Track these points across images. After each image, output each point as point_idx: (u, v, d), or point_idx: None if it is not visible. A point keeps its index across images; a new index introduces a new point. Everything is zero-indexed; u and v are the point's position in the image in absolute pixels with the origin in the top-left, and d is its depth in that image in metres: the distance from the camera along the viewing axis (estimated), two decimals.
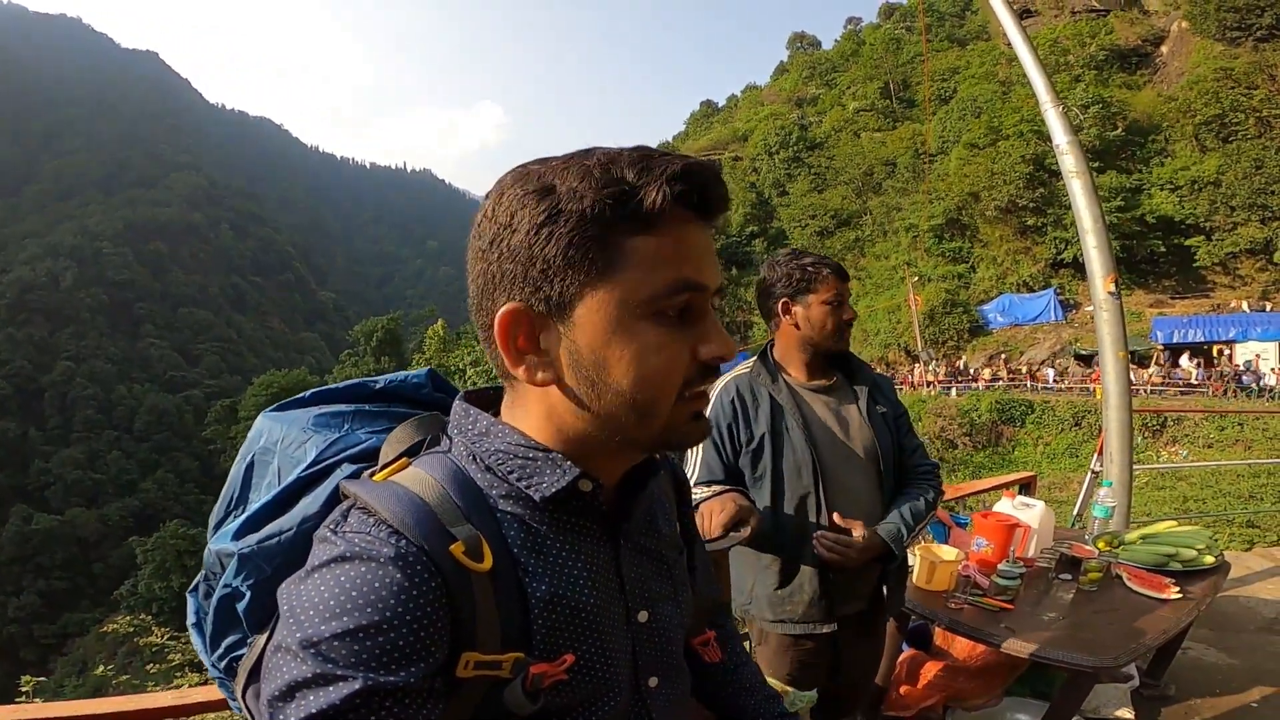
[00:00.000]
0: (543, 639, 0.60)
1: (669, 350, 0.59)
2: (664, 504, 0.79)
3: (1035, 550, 2.52)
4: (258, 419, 0.78)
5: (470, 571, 0.57)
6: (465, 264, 0.63)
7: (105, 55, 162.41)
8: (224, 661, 0.70)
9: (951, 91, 41.28)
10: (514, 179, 0.59)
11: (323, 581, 0.53)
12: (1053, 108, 4.00)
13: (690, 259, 0.59)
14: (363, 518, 0.57)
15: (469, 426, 0.66)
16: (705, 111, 72.27)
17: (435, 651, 0.54)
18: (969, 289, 31.89)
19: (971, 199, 31.77)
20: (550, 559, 0.63)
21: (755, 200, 45.24)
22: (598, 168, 0.56)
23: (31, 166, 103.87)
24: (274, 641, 0.54)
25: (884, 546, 1.66)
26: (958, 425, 23.70)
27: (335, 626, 0.51)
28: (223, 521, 0.72)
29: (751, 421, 1.72)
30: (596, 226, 0.56)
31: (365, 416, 0.76)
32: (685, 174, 0.56)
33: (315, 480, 0.69)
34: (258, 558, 0.65)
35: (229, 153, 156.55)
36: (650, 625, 0.71)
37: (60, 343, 66.42)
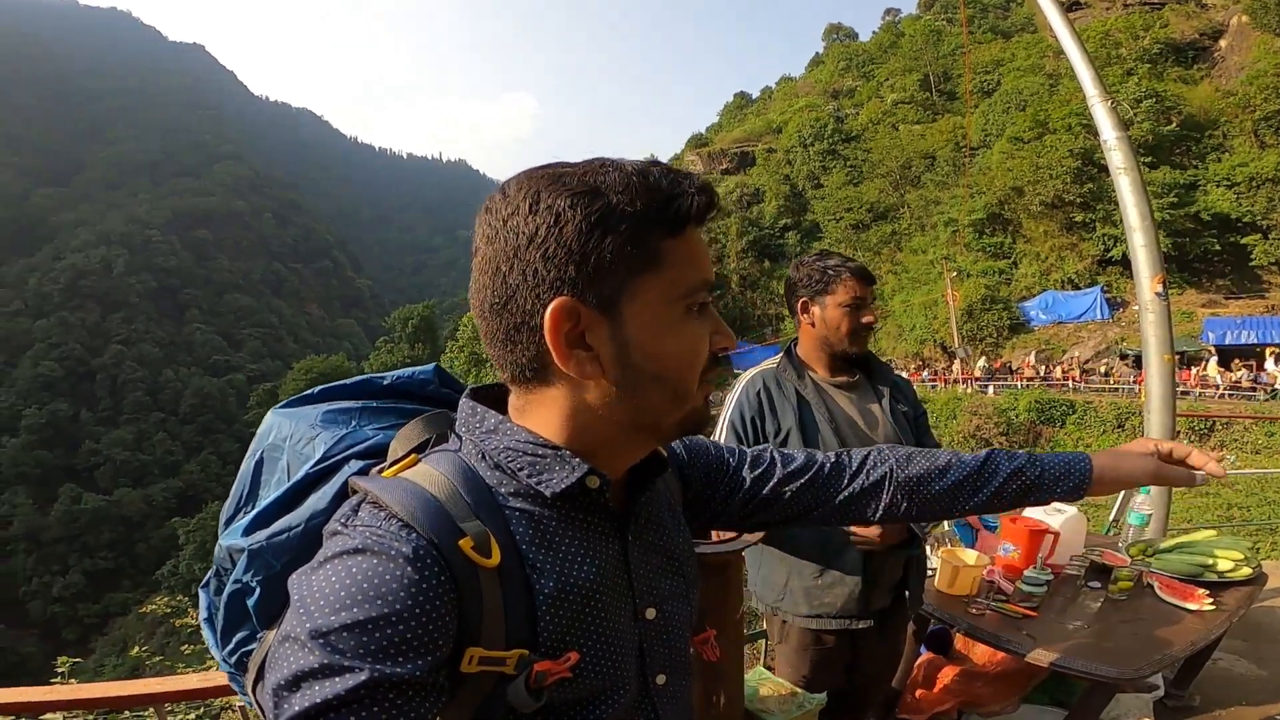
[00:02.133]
0: (548, 636, 0.61)
1: (701, 340, 0.64)
2: (668, 498, 0.80)
3: (1065, 557, 2.47)
4: (267, 415, 0.79)
5: (478, 567, 0.57)
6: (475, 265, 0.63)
7: (153, 48, 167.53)
8: (234, 656, 0.71)
9: (995, 84, 40.25)
10: (548, 180, 0.60)
11: (333, 573, 0.54)
12: (1100, 102, 3.88)
13: (707, 261, 0.65)
14: (374, 512, 0.58)
15: (477, 424, 0.66)
16: (739, 103, 71.61)
17: (441, 645, 0.55)
18: (1010, 285, 31.05)
19: (1015, 193, 30.90)
20: (558, 556, 0.63)
21: (789, 193, 44.64)
22: (636, 175, 0.60)
23: (81, 156, 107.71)
24: (282, 631, 0.54)
25: (904, 528, 1.67)
26: (994, 424, 23.15)
27: (344, 618, 0.51)
28: (233, 518, 0.73)
29: (779, 414, 1.74)
30: (645, 227, 0.59)
31: (373, 413, 0.77)
32: (705, 188, 0.63)
33: (324, 476, 0.70)
34: (267, 553, 0.66)
35: (271, 143, 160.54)
36: (658, 623, 0.71)
37: (111, 327, 69.00)
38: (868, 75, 52.87)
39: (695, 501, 0.88)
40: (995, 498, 0.90)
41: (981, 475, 0.90)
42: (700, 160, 52.78)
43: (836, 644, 1.77)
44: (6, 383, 60.53)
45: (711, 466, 0.90)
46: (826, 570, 1.73)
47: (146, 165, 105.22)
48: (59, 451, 56.10)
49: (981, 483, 0.90)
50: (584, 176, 0.60)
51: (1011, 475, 0.89)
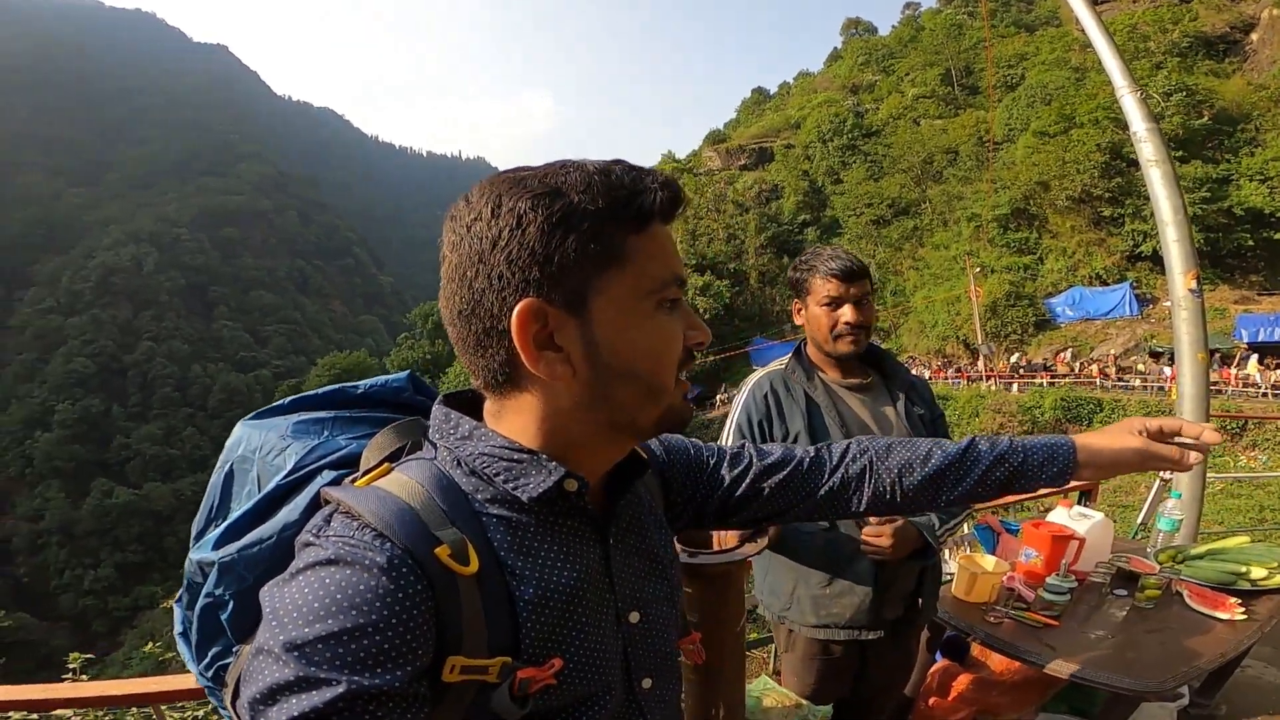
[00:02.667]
0: (531, 643, 0.60)
1: (673, 335, 0.64)
2: (649, 501, 0.79)
3: (1089, 563, 2.40)
4: (236, 427, 0.78)
5: (456, 575, 0.57)
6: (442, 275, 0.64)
7: (177, 49, 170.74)
8: (211, 670, 0.70)
9: (1019, 78, 39.67)
10: (508, 184, 0.60)
11: (306, 585, 0.53)
12: (1129, 93, 3.78)
13: (674, 256, 0.64)
14: (346, 522, 0.57)
15: (451, 430, 0.66)
16: (757, 99, 71.34)
17: (420, 655, 0.54)
18: (1035, 281, 30.51)
19: (1040, 188, 30.35)
20: (538, 561, 0.62)
21: (808, 188, 44.38)
22: (598, 174, 0.60)
23: (111, 156, 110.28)
24: (256, 644, 0.53)
25: (918, 538, 1.60)
26: (1018, 423, 22.78)
27: (319, 629, 0.50)
28: (203, 531, 0.72)
29: (786, 417, 1.68)
30: (608, 225, 0.59)
31: (345, 423, 0.76)
32: (668, 183, 0.63)
33: (296, 487, 0.69)
34: (239, 566, 0.65)
35: (294, 142, 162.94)
36: (642, 626, 0.70)
37: (142, 324, 70.58)
38: (887, 70, 52.47)
39: (676, 502, 0.87)
40: (980, 485, 0.88)
41: (964, 463, 0.88)
42: (718, 156, 52.59)
43: (845, 654, 1.71)
44: (40, 378, 62.22)
45: (690, 465, 0.89)
46: (835, 579, 1.66)
47: (174, 164, 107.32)
48: (91, 446, 57.52)
49: (964, 471, 0.88)
50: (545, 178, 0.60)
51: (995, 462, 0.87)
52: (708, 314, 36.71)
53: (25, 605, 42.35)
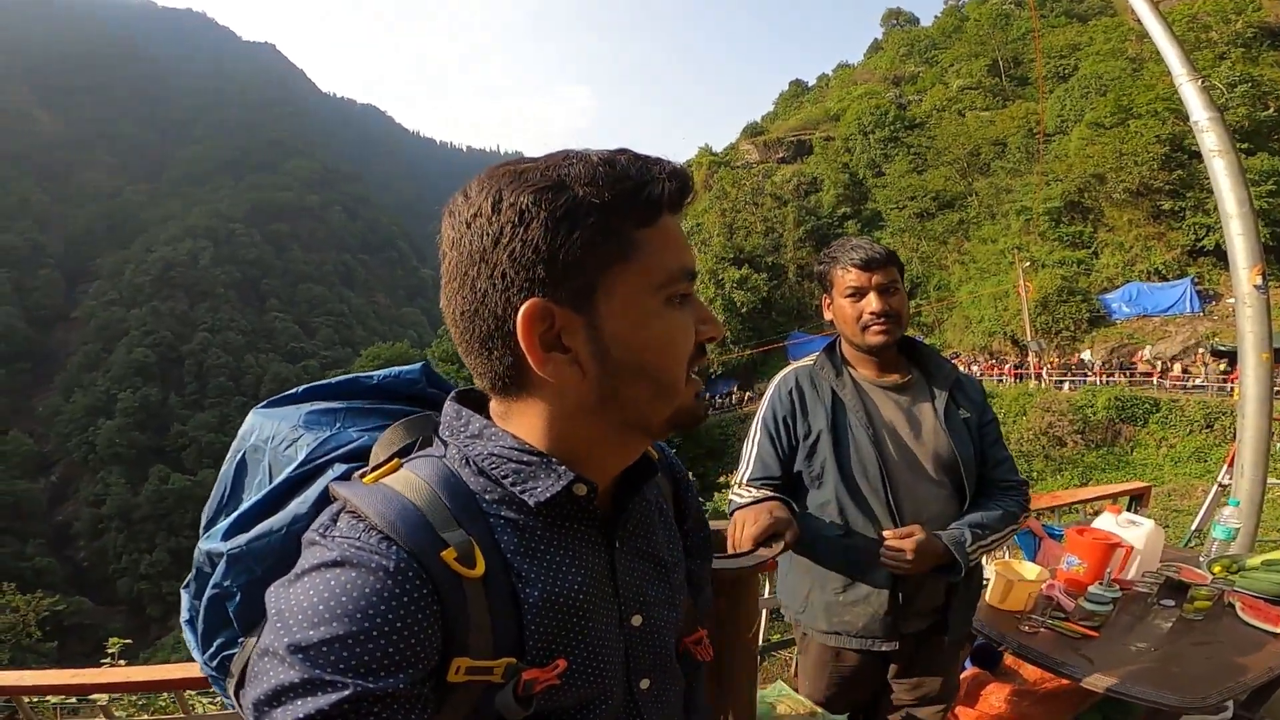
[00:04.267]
0: (535, 644, 0.60)
1: (684, 330, 0.62)
2: (662, 505, 0.79)
3: (1136, 573, 2.31)
4: (249, 415, 0.77)
5: (462, 577, 0.56)
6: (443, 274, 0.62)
7: (227, 48, 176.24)
8: (216, 660, 0.70)
9: (1071, 69, 38.14)
10: (509, 177, 0.58)
11: (311, 586, 0.53)
12: (1189, 81, 3.61)
13: (685, 248, 0.62)
14: (352, 522, 0.57)
15: (461, 428, 0.64)
16: (794, 91, 70.22)
17: (425, 658, 0.54)
18: (1090, 276, 29.35)
19: (1096, 181, 29.13)
20: (544, 564, 0.62)
21: (848, 181, 43.47)
22: (602, 165, 0.57)
23: (168, 153, 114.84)
24: (261, 645, 0.53)
25: (945, 553, 1.46)
26: (1068, 421, 22.00)
27: (324, 632, 0.50)
28: (214, 520, 0.72)
29: (810, 415, 1.61)
30: (615, 218, 0.57)
31: (357, 414, 0.75)
32: (677, 173, 0.61)
33: (306, 480, 0.68)
34: (248, 558, 0.64)
35: (339, 138, 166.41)
36: (643, 629, 0.70)
37: (198, 315, 73.48)
38: (930, 61, 51.18)
39: (682, 510, 0.86)
40: None
41: None
42: (756, 149, 51.99)
43: (860, 664, 1.63)
44: (103, 368, 65.31)
45: (688, 504, 0.87)
46: (851, 586, 1.58)
47: (227, 162, 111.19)
48: (150, 433, 60.08)
49: None
50: (546, 170, 0.57)
51: None
52: (744, 307, 36.49)
53: (84, 589, 44.26)
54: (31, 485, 54.50)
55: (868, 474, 1.54)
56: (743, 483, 1.60)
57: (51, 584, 39.39)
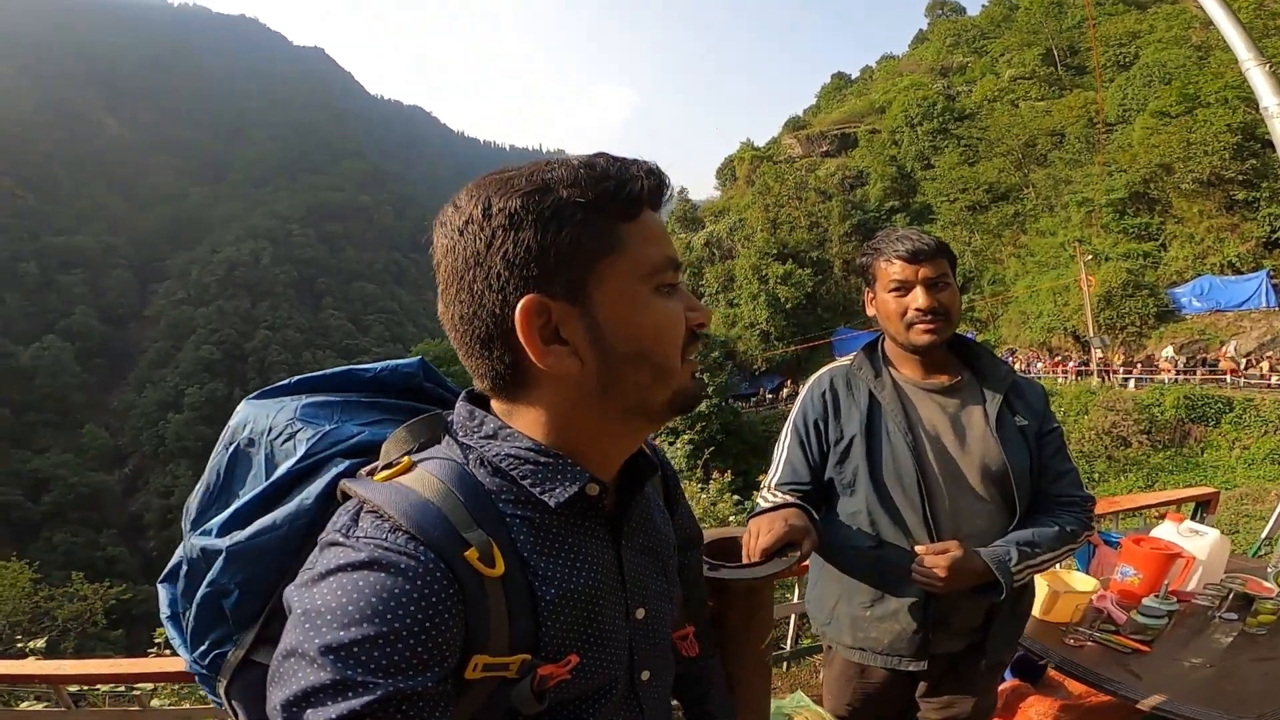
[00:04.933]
0: (550, 640, 0.61)
1: (676, 316, 0.64)
2: (658, 501, 0.81)
3: (1197, 585, 2.22)
4: (240, 406, 0.77)
5: (483, 577, 0.57)
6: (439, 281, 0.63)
7: (279, 52, 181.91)
8: (207, 659, 0.69)
9: (1132, 57, 36.78)
10: (496, 185, 0.60)
11: (339, 587, 0.53)
12: (1256, 66, 3.43)
13: (666, 241, 0.65)
14: (376, 522, 0.57)
15: (475, 428, 0.65)
16: (837, 84, 68.83)
17: (450, 656, 0.55)
18: (1157, 269, 28.00)
19: (1162, 171, 27.82)
20: (560, 561, 0.63)
21: (895, 174, 42.45)
22: (583, 168, 0.61)
23: (229, 156, 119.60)
24: (286, 646, 0.53)
25: (985, 572, 1.32)
26: (1133, 421, 21.05)
27: (354, 633, 0.50)
28: (204, 514, 0.71)
29: (843, 418, 1.51)
30: (599, 214, 0.60)
31: (355, 408, 0.76)
32: (654, 171, 0.64)
33: (307, 475, 0.68)
34: (247, 554, 0.64)
35: (387, 139, 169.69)
36: (646, 622, 0.72)
37: (260, 314, 76.55)
38: (979, 51, 49.91)
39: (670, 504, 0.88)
40: None
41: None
42: (799, 144, 51.29)
43: (886, 681, 1.53)
44: (173, 364, 68.74)
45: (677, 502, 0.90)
46: (879, 601, 1.48)
47: (284, 164, 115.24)
48: (216, 427, 60.23)
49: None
50: (531, 176, 0.60)
51: None
52: (789, 303, 36.08)
53: (152, 578, 46.89)
54: (106, 477, 57.37)
55: (903, 483, 1.44)
56: (770, 486, 1.55)
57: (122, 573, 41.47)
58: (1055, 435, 1.52)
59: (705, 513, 7.30)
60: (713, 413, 26.86)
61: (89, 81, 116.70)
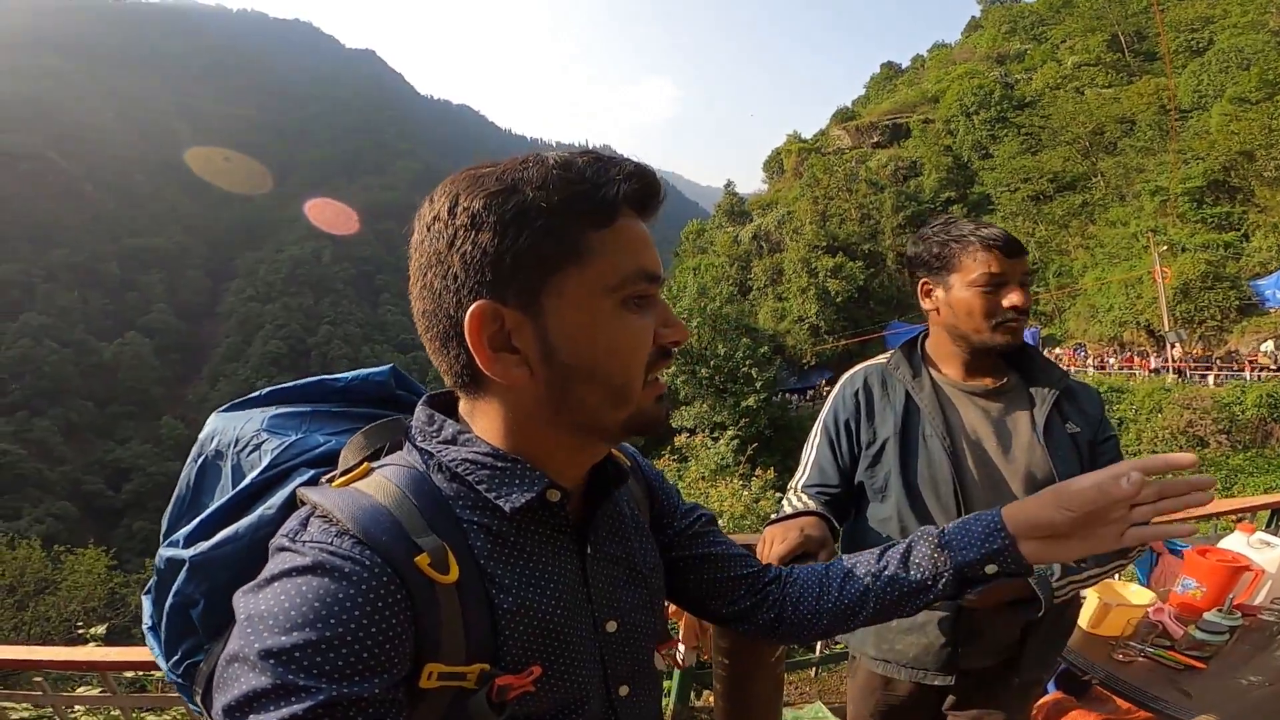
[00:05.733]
0: (509, 650, 0.60)
1: (639, 334, 0.61)
2: (634, 514, 0.78)
3: (1265, 599, 2.12)
4: (210, 418, 0.77)
5: (435, 583, 0.56)
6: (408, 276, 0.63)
7: (333, 55, 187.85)
8: (181, 668, 0.69)
9: (1206, 42, 34.92)
10: (466, 182, 0.59)
11: (283, 591, 0.52)
12: None
13: (644, 251, 0.61)
14: (324, 526, 0.56)
15: (434, 433, 0.64)
16: (887, 74, 66.94)
17: (399, 663, 0.53)
18: (1239, 260, 26.37)
19: (1244, 159, 26.31)
20: (517, 570, 0.62)
21: (951, 164, 41.18)
22: (556, 168, 0.59)
23: (292, 158, 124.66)
24: (229, 651, 0.52)
25: (1023, 586, 1.18)
26: (1211, 420, 19.91)
27: (296, 638, 0.49)
28: (174, 526, 0.71)
29: (876, 420, 1.44)
30: (564, 220, 0.58)
31: (324, 417, 0.75)
32: (636, 174, 0.60)
33: (271, 485, 0.67)
34: (211, 565, 0.63)
35: (438, 138, 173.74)
36: (619, 635, 0.70)
37: (322, 310, 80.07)
38: (1038, 38, 47.92)
39: (656, 520, 0.85)
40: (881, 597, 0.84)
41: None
42: (848, 135, 50.24)
43: (911, 694, 1.46)
44: (244, 358, 72.43)
45: (667, 501, 0.88)
46: None
47: (342, 165, 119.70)
48: None
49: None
50: (502, 175, 0.58)
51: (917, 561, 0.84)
52: (839, 296, 35.44)
53: None
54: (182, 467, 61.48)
55: (939, 491, 1.36)
56: (796, 488, 1.49)
57: None
58: (1111, 444, 1.42)
59: (747, 510, 7.22)
60: (760, 407, 26.61)
61: (161, 88, 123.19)
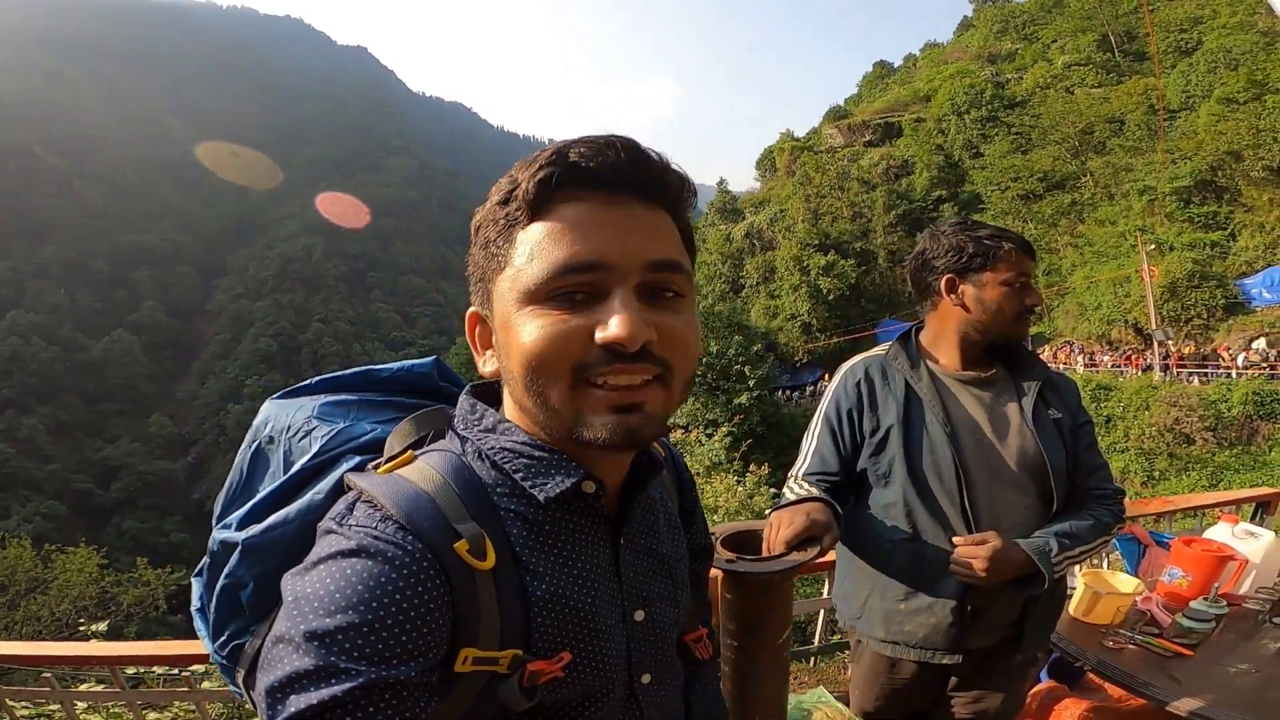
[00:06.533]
0: (541, 637, 0.61)
1: (551, 332, 0.56)
2: (666, 503, 0.80)
3: (1250, 589, 2.16)
4: (264, 405, 0.80)
5: (473, 569, 0.57)
6: None
7: (325, 52, 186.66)
8: (227, 649, 0.70)
9: (1195, 43, 35.45)
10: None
11: (328, 574, 0.53)
12: None
13: (588, 239, 0.57)
14: (369, 511, 0.57)
15: (475, 422, 0.65)
16: (879, 73, 67.59)
17: (435, 647, 0.54)
18: (1225, 260, 26.62)
19: (1230, 158, 26.61)
20: (552, 558, 0.63)
21: (943, 163, 41.43)
22: (514, 170, 0.61)
23: (286, 155, 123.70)
24: (276, 632, 0.53)
25: (1027, 563, 1.33)
26: (1198, 417, 20.12)
27: (340, 620, 0.51)
28: (228, 509, 0.73)
29: (879, 409, 1.50)
30: (496, 227, 0.60)
31: (370, 406, 0.77)
32: (559, 154, 0.57)
33: (320, 471, 0.69)
34: (261, 548, 0.65)
35: (431, 136, 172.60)
36: (646, 624, 0.71)
37: (312, 307, 79.48)
38: (1029, 37, 48.62)
39: (682, 515, 0.87)
40: None
41: None
42: (840, 133, 50.47)
43: (916, 676, 1.51)
44: (233, 356, 71.85)
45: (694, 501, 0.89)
46: (914, 594, 1.46)
47: (337, 162, 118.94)
48: None
49: None
50: (500, 184, 0.62)
51: None
52: (831, 294, 35.55)
53: None
54: (172, 465, 60.25)
55: (941, 475, 1.43)
56: (798, 476, 1.53)
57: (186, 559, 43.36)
58: (1088, 429, 1.53)
59: (741, 506, 7.27)
60: (753, 405, 26.71)
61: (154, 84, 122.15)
